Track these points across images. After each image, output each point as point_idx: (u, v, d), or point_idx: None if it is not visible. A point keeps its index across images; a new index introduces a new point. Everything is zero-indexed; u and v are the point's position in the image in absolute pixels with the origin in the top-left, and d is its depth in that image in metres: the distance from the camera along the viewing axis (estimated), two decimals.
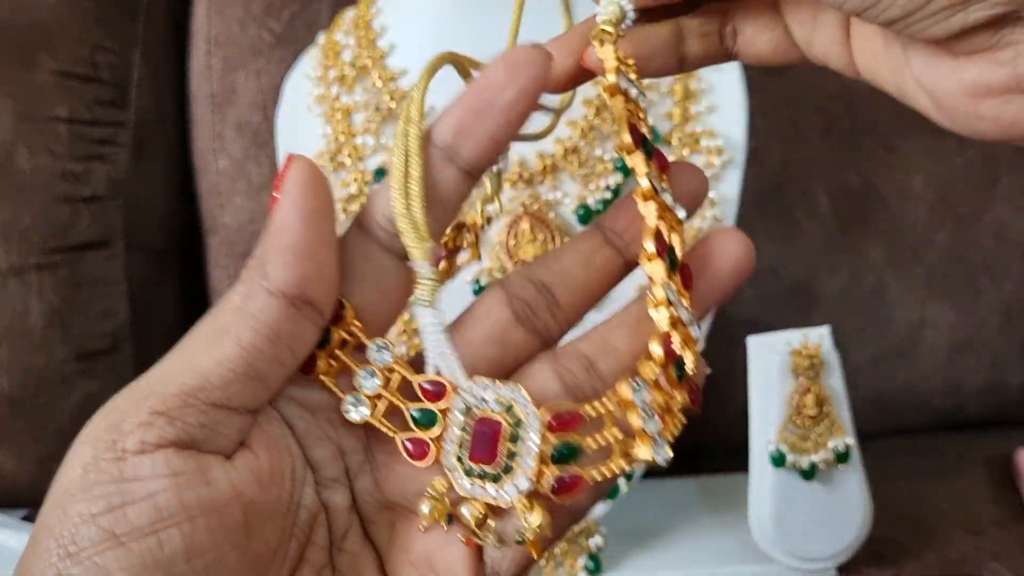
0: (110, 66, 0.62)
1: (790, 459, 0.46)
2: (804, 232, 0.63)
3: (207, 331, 0.21)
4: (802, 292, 0.63)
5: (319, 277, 0.21)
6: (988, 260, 0.64)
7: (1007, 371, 0.65)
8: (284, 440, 0.22)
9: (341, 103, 0.51)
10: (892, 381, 0.64)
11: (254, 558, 0.20)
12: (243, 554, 0.20)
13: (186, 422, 0.20)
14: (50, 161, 0.59)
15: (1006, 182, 0.64)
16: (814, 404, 0.46)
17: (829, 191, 0.63)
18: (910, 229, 0.63)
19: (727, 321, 0.61)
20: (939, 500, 0.55)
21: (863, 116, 0.63)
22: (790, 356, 0.46)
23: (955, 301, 0.64)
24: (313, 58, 0.55)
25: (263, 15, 0.65)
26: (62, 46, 0.60)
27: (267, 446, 0.21)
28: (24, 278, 0.58)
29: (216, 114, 0.65)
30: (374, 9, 0.53)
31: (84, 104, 0.60)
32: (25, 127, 0.58)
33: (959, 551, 0.50)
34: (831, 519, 0.47)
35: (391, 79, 0.50)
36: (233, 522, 0.20)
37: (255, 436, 0.21)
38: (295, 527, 0.22)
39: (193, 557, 0.19)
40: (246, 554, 0.20)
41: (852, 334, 0.63)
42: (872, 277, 0.63)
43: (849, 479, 0.47)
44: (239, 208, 0.63)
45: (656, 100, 0.49)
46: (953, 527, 0.52)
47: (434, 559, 0.22)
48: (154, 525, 0.19)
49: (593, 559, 0.48)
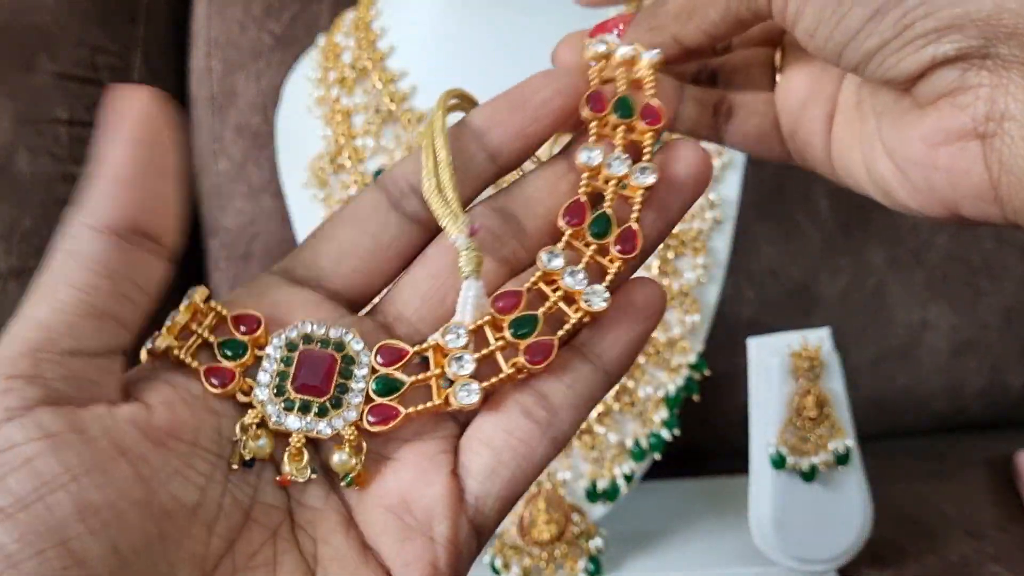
0: (110, 68, 0.62)
1: (790, 461, 0.46)
2: (804, 234, 0.63)
3: (41, 284, 0.21)
4: (802, 294, 0.63)
5: (151, 208, 0.21)
6: (989, 261, 0.64)
7: (1008, 373, 0.65)
8: (203, 399, 0.22)
9: (341, 105, 0.51)
10: (892, 383, 0.64)
11: (161, 514, 0.20)
12: (145, 509, 0.19)
13: (46, 378, 0.19)
14: (50, 163, 0.59)
15: None
16: (814, 406, 0.46)
17: (829, 193, 0.63)
18: (910, 231, 0.63)
19: (727, 323, 0.61)
20: (939, 502, 0.55)
21: None
22: (790, 358, 0.46)
23: (955, 303, 0.64)
24: (313, 60, 0.55)
25: (263, 17, 0.65)
26: (62, 48, 0.60)
27: (169, 402, 0.21)
28: (24, 280, 0.58)
29: (216, 116, 0.65)
30: (374, 11, 0.53)
31: (84, 106, 0.60)
32: (25, 129, 0.58)
33: (959, 553, 0.50)
34: (831, 521, 0.47)
35: (391, 81, 0.50)
36: (122, 477, 0.19)
37: (152, 390, 0.21)
38: (228, 484, 0.21)
39: (87, 517, 0.18)
40: (150, 509, 0.19)
41: (852, 336, 0.63)
42: (872, 279, 0.63)
43: (849, 481, 0.47)
44: (239, 210, 0.63)
45: None
46: (953, 529, 0.52)
47: (412, 502, 0.22)
48: (38, 491, 0.18)
49: (593, 561, 0.48)
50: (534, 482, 0.46)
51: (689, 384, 0.48)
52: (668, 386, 0.47)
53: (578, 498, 0.48)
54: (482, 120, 0.24)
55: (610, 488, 0.47)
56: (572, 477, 0.47)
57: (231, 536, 0.21)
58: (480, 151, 0.24)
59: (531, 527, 0.47)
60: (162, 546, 0.19)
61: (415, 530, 0.22)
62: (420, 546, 0.22)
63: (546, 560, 0.47)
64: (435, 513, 0.22)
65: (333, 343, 0.23)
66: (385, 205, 0.24)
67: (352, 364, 0.22)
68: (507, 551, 0.47)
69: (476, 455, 0.22)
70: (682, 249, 0.47)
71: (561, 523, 0.47)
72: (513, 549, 0.47)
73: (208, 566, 0.20)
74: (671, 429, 0.47)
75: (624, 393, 0.47)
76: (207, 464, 0.21)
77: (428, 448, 0.23)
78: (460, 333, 0.22)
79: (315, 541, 0.22)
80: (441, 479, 0.22)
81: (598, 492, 0.47)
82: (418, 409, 0.22)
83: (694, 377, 0.48)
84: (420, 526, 0.22)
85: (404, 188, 0.24)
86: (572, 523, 0.47)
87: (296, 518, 0.22)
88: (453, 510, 0.22)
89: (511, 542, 0.47)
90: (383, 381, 0.22)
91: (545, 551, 0.47)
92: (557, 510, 0.47)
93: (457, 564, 0.22)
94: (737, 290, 0.62)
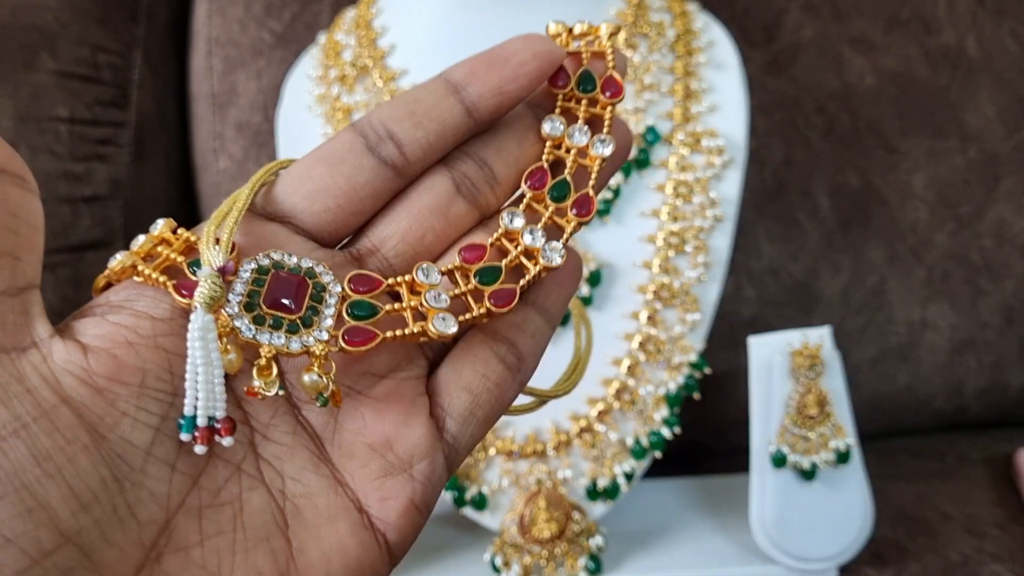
0: (111, 66, 0.62)
1: (791, 459, 0.46)
2: (804, 232, 0.63)
3: None
4: (802, 292, 0.63)
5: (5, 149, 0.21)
6: (989, 260, 0.64)
7: (1008, 372, 0.65)
8: (150, 337, 0.21)
9: (342, 103, 0.51)
10: (893, 382, 0.64)
11: (113, 456, 0.20)
12: (95, 453, 0.20)
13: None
14: (51, 161, 0.59)
15: (1007, 182, 0.63)
16: (815, 404, 0.46)
17: (829, 191, 0.63)
18: (911, 229, 0.63)
19: (728, 322, 0.61)
20: (940, 501, 0.55)
21: (864, 116, 0.63)
22: (791, 356, 0.46)
23: (956, 302, 0.64)
24: (314, 58, 0.55)
25: (264, 15, 0.65)
26: (63, 46, 0.60)
27: (109, 345, 0.21)
28: None
29: (217, 114, 0.65)
30: (375, 9, 0.53)
31: (85, 104, 0.60)
32: (26, 127, 0.58)
33: (960, 552, 0.50)
34: (832, 520, 0.47)
35: (392, 79, 0.50)
36: (68, 424, 0.19)
37: (91, 330, 0.21)
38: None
39: (41, 461, 0.19)
40: (100, 453, 0.20)
41: (853, 334, 0.63)
42: (873, 277, 0.63)
43: (850, 480, 0.47)
44: None
45: (657, 100, 0.49)
46: (954, 528, 0.52)
47: (394, 441, 0.23)
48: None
49: (593, 559, 0.48)
50: (534, 480, 0.47)
51: (690, 382, 0.48)
52: (669, 384, 0.47)
53: (578, 496, 0.48)
54: (462, 74, 0.24)
55: (610, 486, 0.47)
56: (572, 475, 0.47)
57: (195, 473, 0.21)
58: (458, 104, 0.24)
59: (531, 525, 0.47)
60: (119, 487, 0.20)
61: (396, 467, 0.23)
62: (400, 482, 0.23)
63: (546, 558, 0.47)
64: (417, 452, 0.23)
65: (304, 271, 0.23)
66: (361, 147, 0.24)
67: (323, 291, 0.23)
68: (507, 549, 0.47)
69: (457, 399, 0.24)
70: (682, 247, 0.47)
71: (561, 521, 0.47)
72: (513, 547, 0.47)
73: (172, 503, 0.21)
74: (672, 427, 0.47)
75: (624, 391, 0.47)
76: (160, 403, 0.21)
77: (407, 389, 0.24)
78: (431, 272, 0.24)
79: (283, 477, 0.22)
80: (422, 420, 0.23)
81: (598, 490, 0.47)
82: (396, 333, 0.22)
83: (695, 375, 0.48)
84: (401, 464, 0.23)
85: (381, 132, 0.24)
86: (572, 521, 0.47)
87: (261, 452, 0.22)
88: (433, 448, 0.23)
89: (511, 540, 0.47)
90: (361, 305, 0.23)
91: (545, 549, 0.47)
92: (557, 508, 0.47)
93: (430, 498, 0.23)
94: (738, 288, 0.62)
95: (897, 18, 0.64)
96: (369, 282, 0.23)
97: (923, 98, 0.63)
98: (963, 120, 0.63)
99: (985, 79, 0.64)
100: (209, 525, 0.21)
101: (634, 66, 0.49)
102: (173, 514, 0.21)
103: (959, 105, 0.64)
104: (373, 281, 0.23)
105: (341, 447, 0.23)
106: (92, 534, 0.19)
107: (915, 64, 0.64)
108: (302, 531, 0.22)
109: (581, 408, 0.48)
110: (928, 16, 0.64)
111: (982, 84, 0.64)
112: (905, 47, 0.64)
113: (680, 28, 0.51)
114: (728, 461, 0.58)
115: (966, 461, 0.60)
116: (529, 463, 0.48)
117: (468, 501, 0.48)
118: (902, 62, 0.64)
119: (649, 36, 0.50)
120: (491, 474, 0.48)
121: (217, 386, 0.21)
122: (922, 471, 0.59)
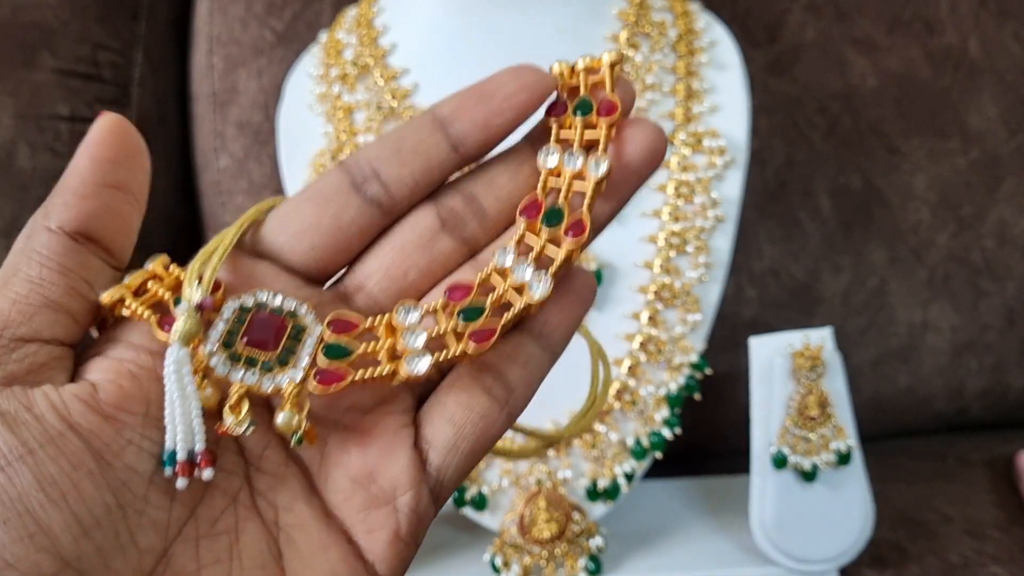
0: (111, 65, 0.62)
1: (792, 460, 0.46)
2: (806, 233, 0.62)
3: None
4: (804, 293, 0.62)
5: (103, 217, 0.22)
6: (990, 262, 0.63)
7: (1009, 373, 0.65)
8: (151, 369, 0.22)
9: (343, 101, 0.51)
10: (893, 383, 0.64)
11: (117, 483, 0.20)
12: (100, 479, 0.20)
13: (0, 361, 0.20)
14: (51, 160, 0.59)
15: (1008, 183, 0.63)
16: (816, 405, 0.46)
17: (831, 192, 0.63)
18: (912, 230, 0.63)
19: (729, 323, 0.60)
20: (941, 503, 0.55)
21: (865, 117, 0.63)
22: (792, 357, 0.46)
23: (957, 303, 0.63)
24: (315, 56, 0.55)
25: (265, 14, 0.65)
26: (63, 45, 0.60)
27: (115, 376, 0.21)
28: None
29: (217, 113, 0.65)
30: (376, 8, 0.53)
31: (85, 102, 0.60)
32: (26, 126, 0.58)
33: (960, 554, 0.50)
34: (832, 521, 0.47)
35: (393, 77, 0.50)
36: (74, 450, 0.20)
37: (97, 367, 0.22)
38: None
39: (46, 487, 0.19)
40: (105, 479, 0.20)
41: (854, 336, 0.63)
42: (874, 278, 0.63)
43: (850, 481, 0.47)
44: (240, 207, 0.63)
45: (659, 100, 0.49)
46: (955, 530, 0.52)
47: (376, 473, 0.23)
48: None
49: (593, 560, 0.47)
50: (534, 481, 0.47)
51: (690, 383, 0.48)
52: (669, 385, 0.47)
53: (579, 497, 0.47)
54: (449, 110, 0.24)
55: (611, 487, 0.47)
56: (573, 476, 0.47)
57: (193, 502, 0.22)
58: (443, 140, 0.24)
59: (531, 525, 0.47)
60: (122, 514, 0.20)
61: (380, 500, 0.23)
62: (384, 515, 0.23)
63: (546, 559, 0.47)
64: (399, 484, 0.23)
65: (286, 312, 0.23)
66: (347, 186, 0.25)
67: (303, 332, 0.23)
68: (507, 549, 0.47)
69: (439, 431, 0.24)
70: (684, 248, 0.47)
71: (561, 522, 0.47)
72: (513, 547, 0.47)
73: (171, 532, 0.21)
74: (672, 428, 0.47)
75: (625, 392, 0.47)
76: (161, 432, 0.21)
77: (390, 422, 0.24)
78: (410, 312, 0.23)
79: (276, 508, 0.23)
80: (405, 452, 0.23)
81: (599, 491, 0.47)
82: (365, 375, 0.23)
83: (695, 376, 0.48)
84: (385, 496, 0.23)
85: (367, 171, 0.25)
86: (573, 521, 0.47)
87: (255, 484, 0.23)
88: (416, 481, 0.23)
89: (511, 540, 0.47)
90: (334, 348, 0.23)
91: (545, 549, 0.47)
92: (558, 509, 0.47)
93: (417, 530, 0.23)
94: (739, 289, 0.62)
95: (899, 19, 0.64)
96: (346, 325, 0.23)
97: (925, 99, 0.63)
98: (965, 121, 0.63)
99: (987, 80, 0.64)
100: (206, 554, 0.22)
101: (636, 66, 0.49)
102: (171, 542, 0.21)
103: (961, 106, 0.63)
104: (350, 324, 0.24)
105: (327, 479, 0.23)
106: (93, 560, 0.20)
107: (917, 65, 0.64)
108: (296, 560, 0.22)
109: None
110: (930, 17, 0.64)
111: (984, 85, 0.64)
112: (907, 48, 0.64)
113: (682, 28, 0.51)
114: (729, 462, 0.58)
115: (967, 463, 0.60)
116: (529, 463, 0.48)
117: (468, 501, 0.48)
118: (904, 63, 0.64)
119: (651, 36, 0.50)
120: (491, 474, 0.48)
121: (195, 419, 0.21)
122: (923, 473, 0.59)
